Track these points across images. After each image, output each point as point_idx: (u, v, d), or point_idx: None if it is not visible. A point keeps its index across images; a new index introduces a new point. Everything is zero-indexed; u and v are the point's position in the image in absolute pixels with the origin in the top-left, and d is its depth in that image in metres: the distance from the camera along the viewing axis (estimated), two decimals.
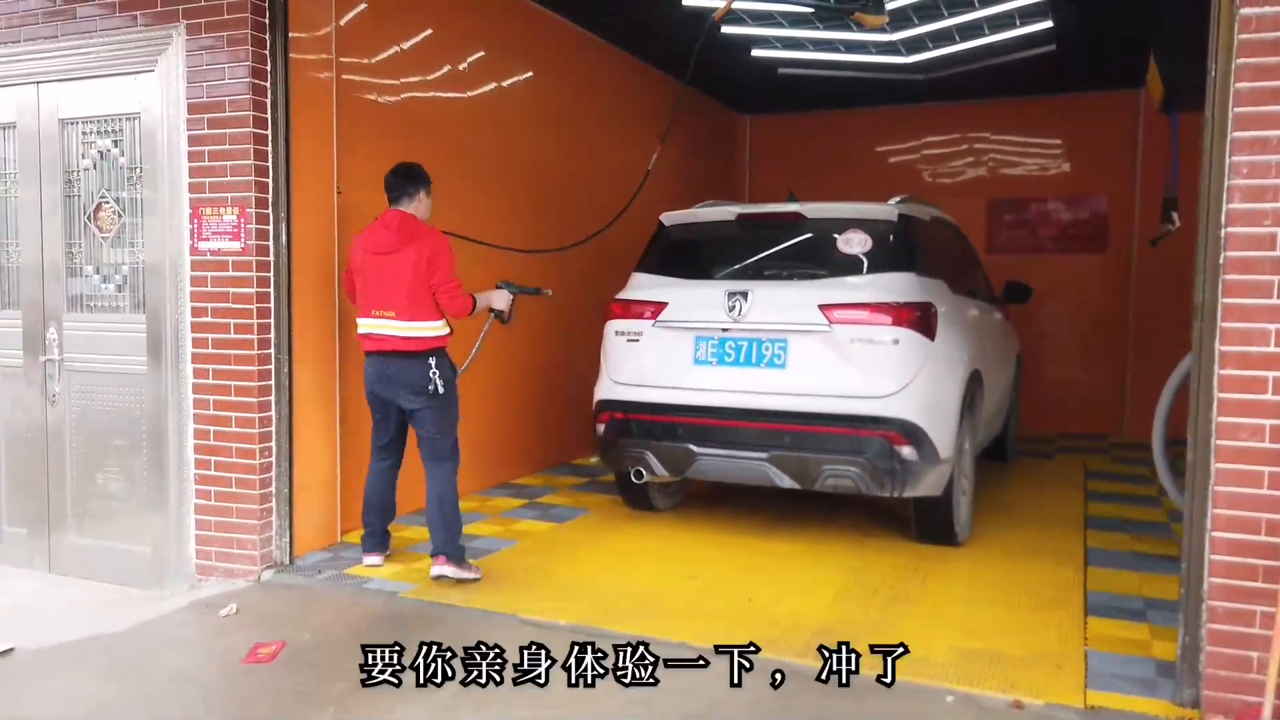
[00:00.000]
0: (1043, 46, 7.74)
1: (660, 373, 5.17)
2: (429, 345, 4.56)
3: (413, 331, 4.54)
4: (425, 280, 4.51)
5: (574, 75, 7.51)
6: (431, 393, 4.56)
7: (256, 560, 4.71)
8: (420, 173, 4.75)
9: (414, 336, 4.55)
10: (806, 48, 8.06)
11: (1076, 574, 4.81)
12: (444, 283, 4.54)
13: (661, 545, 5.28)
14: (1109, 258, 9.49)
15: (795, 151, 10.64)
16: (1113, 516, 6.01)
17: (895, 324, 4.73)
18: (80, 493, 5.12)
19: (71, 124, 5.05)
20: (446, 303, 4.56)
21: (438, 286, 4.53)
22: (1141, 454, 8.34)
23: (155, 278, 4.83)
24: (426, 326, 4.55)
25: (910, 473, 4.72)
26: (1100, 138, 9.46)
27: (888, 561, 4.97)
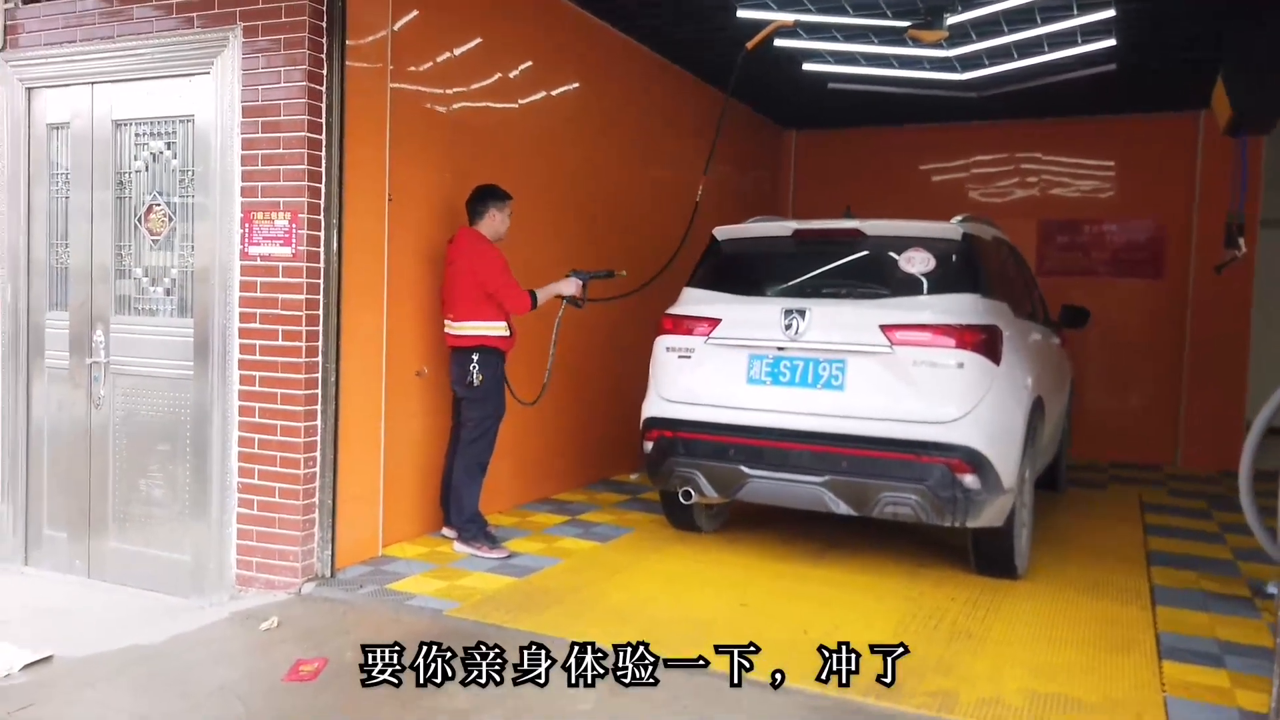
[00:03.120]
0: (1102, 66, 7.55)
1: (712, 391, 5.03)
2: (474, 342, 5.14)
3: (463, 330, 5.17)
4: (475, 286, 5.09)
5: (623, 86, 7.42)
6: (469, 384, 5.13)
7: (298, 572, 4.61)
8: (486, 193, 5.28)
9: (463, 335, 5.17)
10: (859, 62, 7.92)
11: (1144, 613, 4.60)
12: (500, 286, 5.10)
13: (709, 569, 5.12)
14: (1165, 283, 9.25)
15: (841, 168, 10.50)
16: (1175, 552, 5.79)
17: (960, 347, 4.57)
18: (122, 498, 5.06)
19: (125, 125, 5.01)
20: (508, 304, 5.13)
21: (495, 291, 5.08)
22: (1198, 486, 8.12)
23: (204, 282, 4.77)
24: (476, 326, 5.14)
25: (973, 502, 4.54)
26: (1157, 160, 9.24)
27: (946, 593, 4.79)
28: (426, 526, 5.57)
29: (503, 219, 5.29)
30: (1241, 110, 6.47)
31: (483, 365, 5.12)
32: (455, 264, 5.16)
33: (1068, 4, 6.31)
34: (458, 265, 5.14)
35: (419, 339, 5.39)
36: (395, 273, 5.13)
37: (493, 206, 5.25)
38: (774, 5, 6.58)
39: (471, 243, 5.18)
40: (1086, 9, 6.33)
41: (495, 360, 5.20)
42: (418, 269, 5.35)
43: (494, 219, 5.26)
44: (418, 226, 5.33)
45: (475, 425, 5.22)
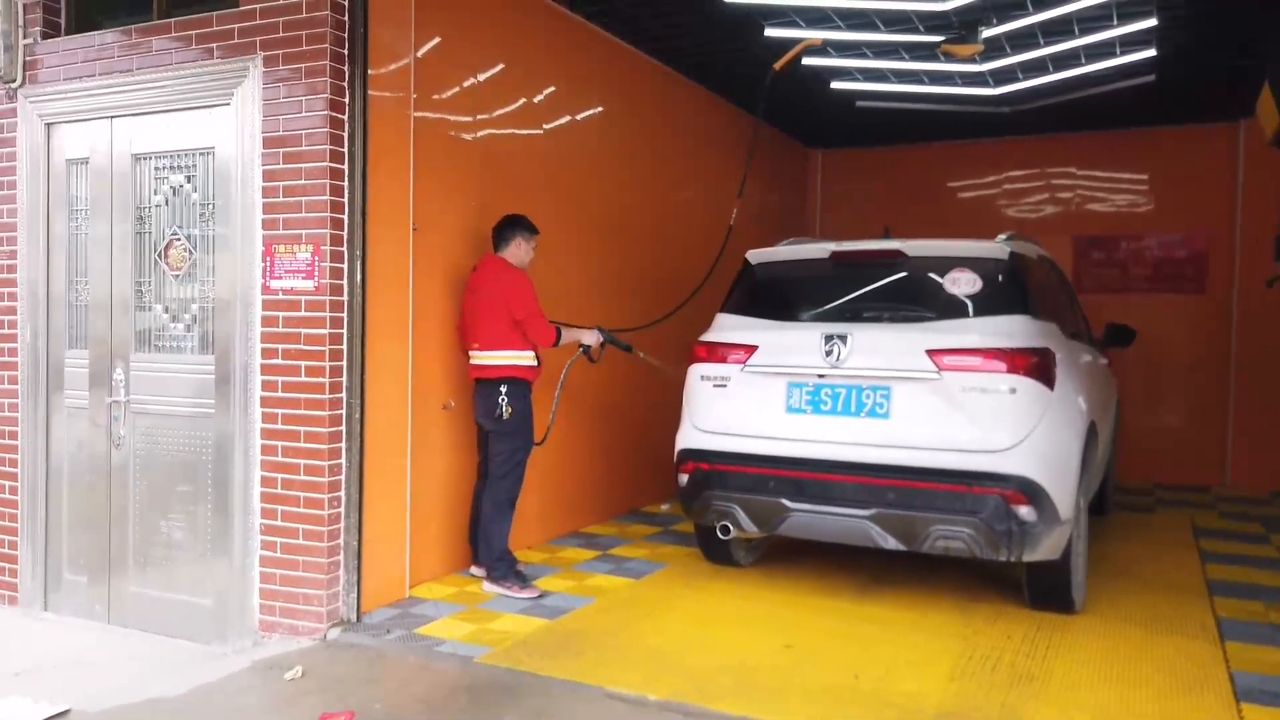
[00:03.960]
0: (1142, 76, 7.35)
1: (750, 421, 4.83)
2: (502, 373, 4.99)
3: (490, 360, 5.03)
4: (504, 314, 4.95)
5: (647, 109, 7.28)
6: (497, 417, 4.98)
7: (323, 617, 4.44)
8: (514, 221, 5.19)
9: (490, 365, 5.03)
10: (888, 79, 7.77)
11: (1214, 649, 4.34)
12: (529, 316, 4.97)
13: (749, 607, 4.90)
14: (1208, 299, 8.97)
15: (867, 187, 10.33)
16: (1238, 581, 5.51)
17: (1011, 371, 4.35)
18: (143, 540, 4.91)
19: (144, 159, 4.91)
20: (533, 334, 4.99)
21: (521, 320, 4.97)
22: (1250, 508, 7.81)
23: (225, 317, 4.64)
24: (503, 355, 5.00)
25: (1029, 535, 4.31)
26: (1196, 173, 8.99)
27: (1001, 631, 4.54)
28: (454, 565, 5.39)
29: (528, 249, 5.19)
30: None
31: (511, 397, 4.98)
32: (479, 291, 5.04)
33: (1107, 14, 6.13)
34: (483, 292, 5.02)
35: (445, 371, 5.23)
36: (420, 304, 4.98)
37: (520, 235, 5.16)
38: (802, 24, 6.45)
39: (500, 269, 5.06)
40: (1128, 18, 6.15)
41: (523, 391, 5.06)
42: (444, 300, 5.21)
43: (520, 248, 5.16)
44: (443, 257, 5.19)
45: (505, 459, 5.05)
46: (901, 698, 3.73)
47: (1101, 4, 5.89)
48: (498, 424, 5.01)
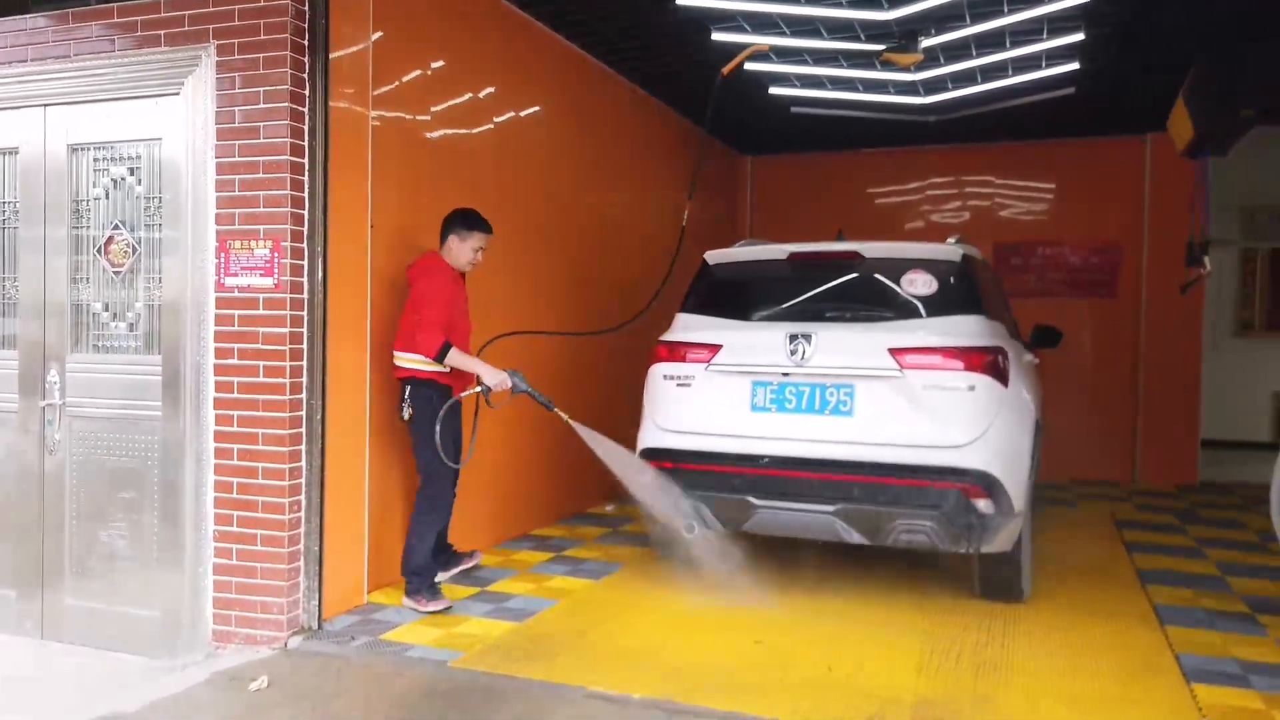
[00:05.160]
0: (1063, 89, 7.68)
1: (714, 420, 4.87)
2: (404, 374, 4.79)
3: (397, 359, 4.82)
4: (411, 312, 4.74)
5: (592, 112, 7.28)
6: (402, 420, 4.81)
7: (283, 625, 4.29)
8: (450, 218, 4.95)
9: (397, 365, 4.83)
10: (825, 86, 7.93)
11: (1157, 635, 4.56)
12: (419, 321, 4.67)
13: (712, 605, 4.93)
14: (1119, 303, 9.43)
15: (796, 193, 10.50)
16: (1165, 569, 5.80)
17: (970, 369, 4.50)
18: (80, 550, 4.67)
19: (82, 150, 4.68)
20: (419, 338, 4.65)
21: (415, 322, 4.68)
22: (1161, 501, 8.23)
23: (174, 316, 4.45)
24: (405, 356, 4.77)
25: (987, 527, 4.46)
26: (1107, 183, 9.43)
27: (957, 623, 4.68)
28: None
29: (462, 249, 4.87)
30: (1205, 132, 6.64)
31: (412, 399, 4.75)
32: (410, 286, 4.85)
33: (1038, 28, 6.38)
34: (410, 289, 4.83)
35: None
36: (377, 304, 4.86)
37: (454, 232, 4.89)
38: (749, 29, 6.53)
39: (425, 267, 4.82)
40: (1056, 33, 6.41)
41: (426, 395, 4.75)
42: (399, 300, 5.10)
43: (454, 246, 4.89)
44: (397, 256, 5.08)
45: (420, 466, 4.84)
46: (878, 689, 3.81)
47: (1034, 18, 6.13)
48: (410, 427, 4.82)
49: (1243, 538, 6.71)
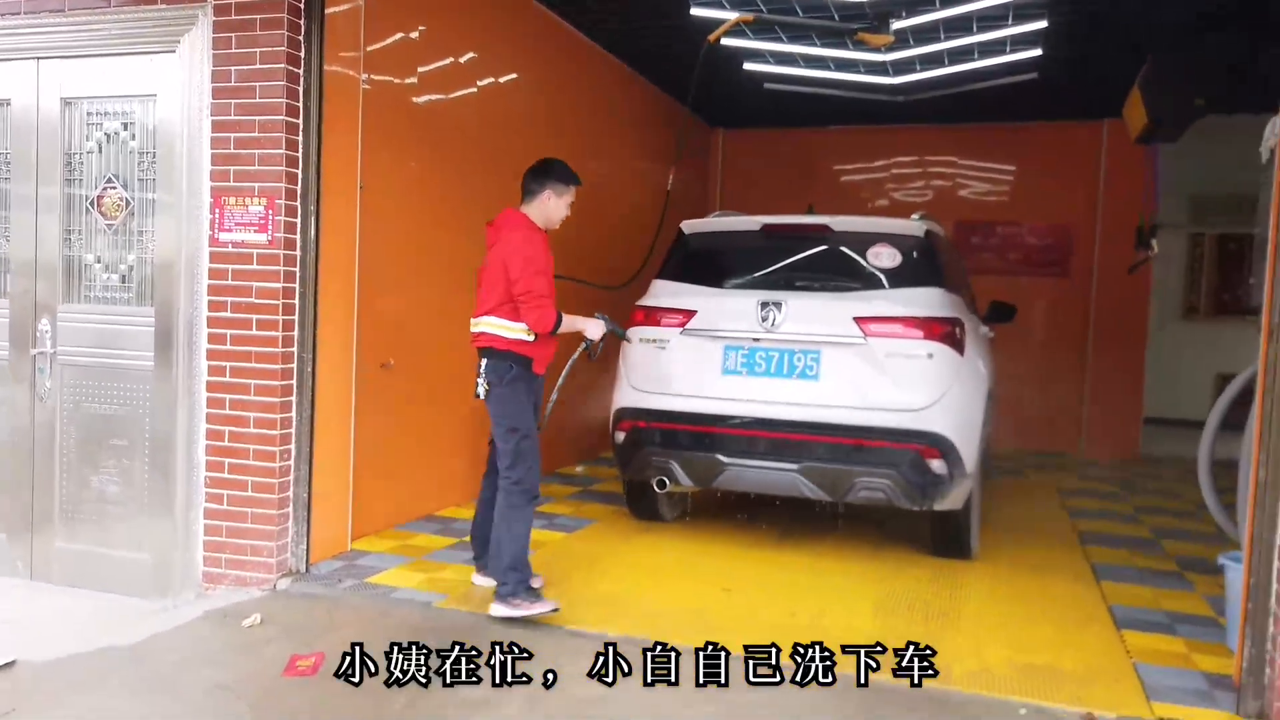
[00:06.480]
0: (1025, 74, 7.96)
1: (687, 381, 5.11)
2: (485, 344, 4.24)
3: (476, 327, 4.29)
4: (502, 278, 4.18)
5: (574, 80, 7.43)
6: (476, 395, 4.27)
7: (272, 568, 4.49)
8: (545, 169, 4.39)
9: (476, 332, 4.29)
10: (798, 63, 8.14)
11: (1093, 589, 4.91)
12: (525, 291, 4.13)
13: (682, 558, 5.21)
14: (1071, 282, 9.80)
15: (765, 167, 10.72)
16: (1103, 532, 6.18)
17: (929, 338, 4.78)
18: (72, 496, 4.80)
19: (74, 103, 4.76)
20: (526, 312, 4.15)
21: (518, 294, 4.15)
22: (1104, 472, 8.65)
23: (167, 269, 4.58)
24: (490, 323, 4.22)
25: (940, 486, 4.76)
26: (1064, 166, 9.77)
27: (910, 575, 5.00)
28: (393, 520, 5.49)
29: (558, 205, 4.37)
30: (1158, 119, 6.96)
31: (490, 372, 4.21)
32: (490, 250, 4.30)
33: (1004, 14, 6.64)
34: (492, 252, 4.28)
35: (387, 330, 5.29)
36: (365, 262, 5.02)
37: (550, 186, 4.33)
38: (727, 4, 6.71)
39: (512, 226, 4.26)
40: (1021, 19, 6.67)
41: (507, 366, 4.21)
42: (386, 258, 5.25)
43: (547, 203, 4.34)
44: (385, 215, 5.23)
45: (502, 444, 4.27)
46: (838, 630, 4.10)
47: (1001, 4, 6.39)
48: (486, 404, 4.28)
49: (1178, 506, 7.12)
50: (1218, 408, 4.57)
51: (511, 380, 4.20)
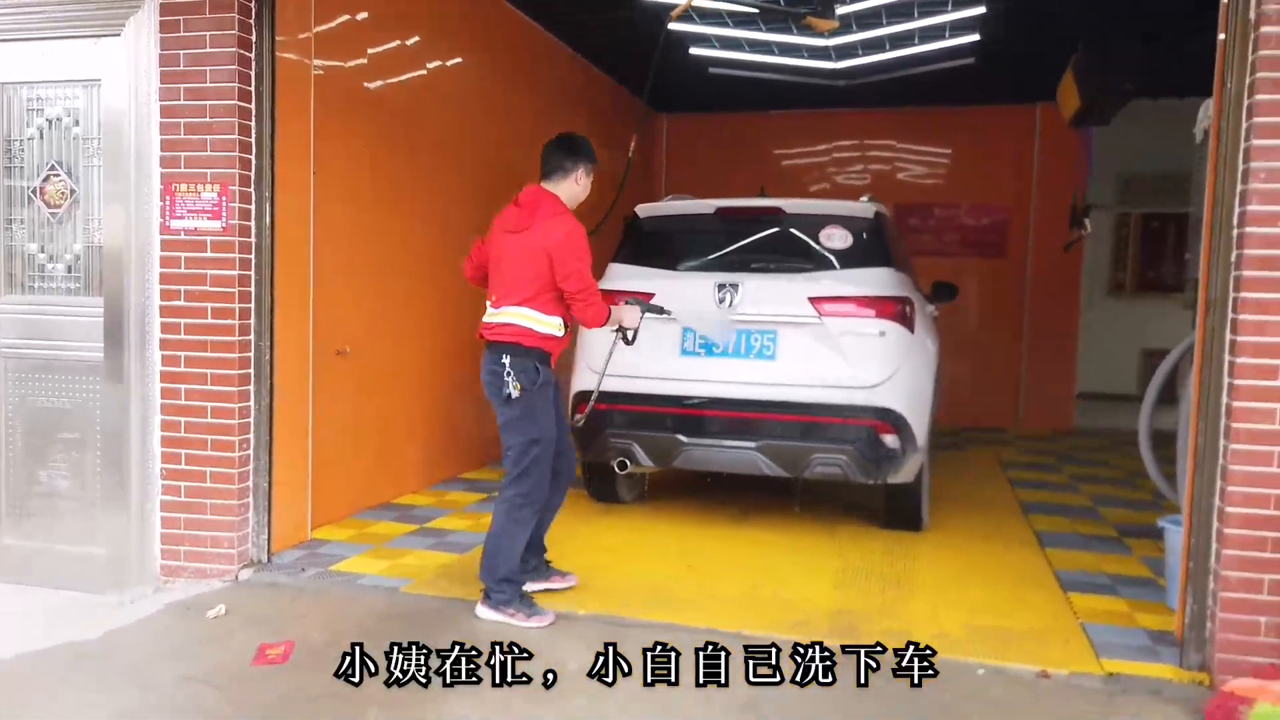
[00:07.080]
0: (963, 59, 8.16)
1: (646, 363, 5.16)
2: (512, 336, 3.90)
3: (501, 318, 3.94)
4: (542, 268, 3.86)
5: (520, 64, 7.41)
6: (506, 397, 3.88)
7: (233, 559, 4.44)
8: (576, 145, 4.09)
9: (498, 323, 3.94)
10: (743, 48, 8.22)
11: (1038, 555, 5.10)
12: (582, 289, 3.85)
13: (643, 538, 5.28)
14: (1007, 262, 10.09)
15: (709, 151, 10.80)
16: (1044, 502, 6.42)
17: (880, 316, 4.91)
18: (17, 492, 4.68)
19: (13, 87, 4.62)
20: (580, 309, 3.90)
21: (572, 292, 3.86)
22: (1042, 445, 8.94)
23: (116, 258, 4.47)
24: (520, 314, 3.91)
25: (893, 460, 4.91)
26: (999, 149, 10.04)
27: (866, 548, 5.14)
28: (351, 509, 5.46)
29: (586, 185, 4.13)
30: (1090, 103, 7.20)
31: (518, 371, 3.87)
32: (520, 233, 3.93)
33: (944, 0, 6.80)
34: (523, 235, 3.91)
35: (341, 318, 5.25)
36: (319, 248, 4.98)
37: (584, 164, 4.07)
38: None
39: (549, 212, 3.92)
40: (960, 5, 6.84)
41: (532, 365, 3.90)
42: (339, 244, 5.21)
43: (577, 183, 4.08)
44: (338, 200, 5.18)
45: (517, 454, 3.95)
46: (799, 601, 4.22)
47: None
48: (505, 406, 3.93)
49: (1112, 475, 7.41)
50: (1156, 379, 4.78)
51: (542, 385, 3.94)
